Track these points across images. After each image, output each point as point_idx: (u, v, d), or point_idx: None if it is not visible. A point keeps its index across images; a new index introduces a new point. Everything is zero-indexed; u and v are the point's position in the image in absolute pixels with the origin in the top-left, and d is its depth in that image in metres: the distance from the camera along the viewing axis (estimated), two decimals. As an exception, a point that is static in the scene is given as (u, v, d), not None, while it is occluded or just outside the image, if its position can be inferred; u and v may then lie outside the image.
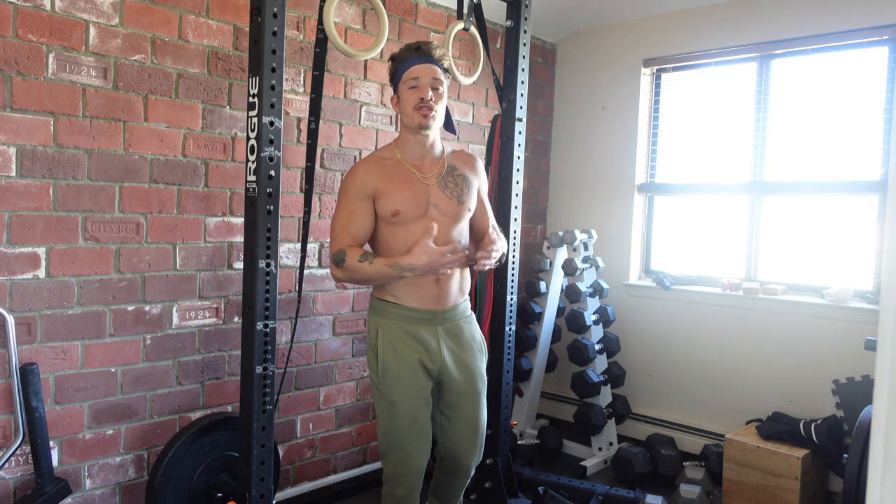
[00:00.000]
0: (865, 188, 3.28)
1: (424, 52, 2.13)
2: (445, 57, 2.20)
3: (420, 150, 2.20)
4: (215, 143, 2.71)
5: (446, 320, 2.20)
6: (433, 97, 2.12)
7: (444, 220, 2.17)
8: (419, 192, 2.16)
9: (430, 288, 2.15)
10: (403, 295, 2.16)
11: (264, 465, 2.25)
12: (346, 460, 3.31)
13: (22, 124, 2.22)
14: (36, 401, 2.23)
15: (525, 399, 3.91)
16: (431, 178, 2.19)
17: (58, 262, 2.33)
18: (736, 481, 3.14)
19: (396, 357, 2.15)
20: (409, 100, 2.13)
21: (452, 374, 2.21)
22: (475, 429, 2.28)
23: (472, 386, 2.25)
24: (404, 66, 2.14)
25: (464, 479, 2.39)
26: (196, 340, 2.71)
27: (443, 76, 2.16)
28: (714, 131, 3.82)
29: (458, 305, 2.24)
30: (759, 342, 3.51)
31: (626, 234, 4.08)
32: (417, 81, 2.12)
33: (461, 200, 2.21)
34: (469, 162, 2.31)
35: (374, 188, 2.14)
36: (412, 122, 2.14)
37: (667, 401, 3.89)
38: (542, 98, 4.33)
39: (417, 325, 2.16)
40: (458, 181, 2.22)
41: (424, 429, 2.19)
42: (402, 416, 2.15)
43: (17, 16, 2.19)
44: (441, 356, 2.18)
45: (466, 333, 2.26)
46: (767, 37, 3.51)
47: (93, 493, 2.48)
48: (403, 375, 2.14)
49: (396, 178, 2.15)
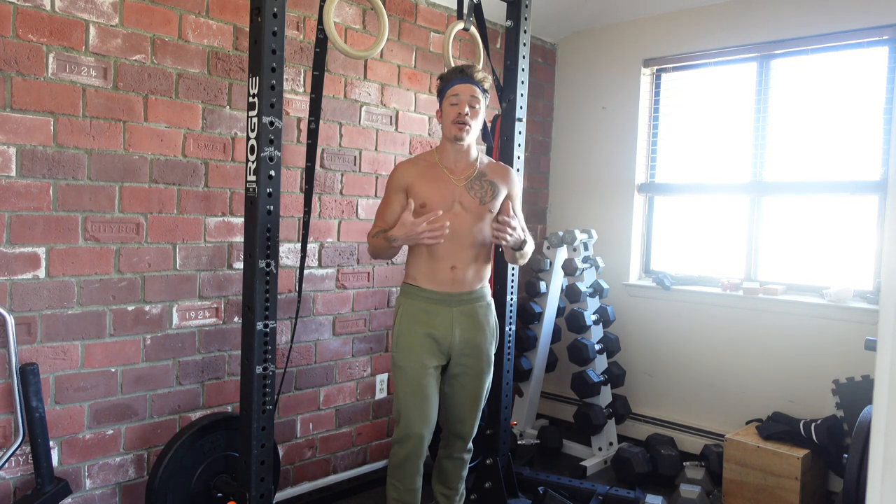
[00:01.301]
0: (865, 188, 3.28)
1: (467, 74, 2.41)
2: (486, 79, 2.45)
3: (455, 156, 2.47)
4: (215, 143, 2.71)
5: (462, 303, 2.45)
6: (469, 113, 2.39)
7: (466, 216, 2.41)
8: (447, 190, 2.42)
9: (445, 273, 2.42)
10: (423, 279, 2.44)
11: (264, 465, 2.25)
12: (346, 460, 3.32)
13: (22, 124, 2.22)
14: (36, 401, 2.23)
15: (525, 399, 3.91)
16: (461, 179, 2.45)
17: (58, 262, 2.33)
18: (736, 481, 3.14)
19: (410, 329, 2.43)
20: (449, 114, 2.40)
21: (462, 350, 2.46)
22: (474, 402, 2.52)
23: (478, 363, 2.48)
24: (448, 85, 2.42)
25: (459, 452, 2.59)
26: (196, 340, 2.71)
27: (481, 95, 2.42)
28: (714, 131, 3.82)
29: (473, 291, 2.48)
30: (759, 342, 3.51)
31: (626, 234, 4.08)
32: (458, 98, 2.39)
33: (483, 201, 2.44)
34: (501, 172, 2.55)
35: (408, 183, 2.43)
36: (449, 134, 2.42)
37: (667, 401, 3.89)
38: (542, 98, 4.33)
39: (434, 305, 2.43)
40: (485, 185, 2.47)
41: (429, 396, 2.42)
42: (407, 381, 2.41)
43: (17, 16, 2.19)
44: (452, 334, 2.43)
45: (480, 316, 2.49)
46: (767, 37, 3.51)
47: (93, 493, 2.48)
48: (413, 345, 2.42)
49: (428, 176, 2.44)
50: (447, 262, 2.41)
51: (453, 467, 2.63)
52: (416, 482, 2.47)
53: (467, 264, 2.44)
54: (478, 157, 2.52)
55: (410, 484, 2.46)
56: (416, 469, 2.45)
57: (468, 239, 2.41)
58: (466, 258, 2.43)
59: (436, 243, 2.32)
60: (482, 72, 2.44)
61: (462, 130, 2.38)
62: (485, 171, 2.50)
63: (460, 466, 2.63)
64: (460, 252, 2.42)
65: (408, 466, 2.44)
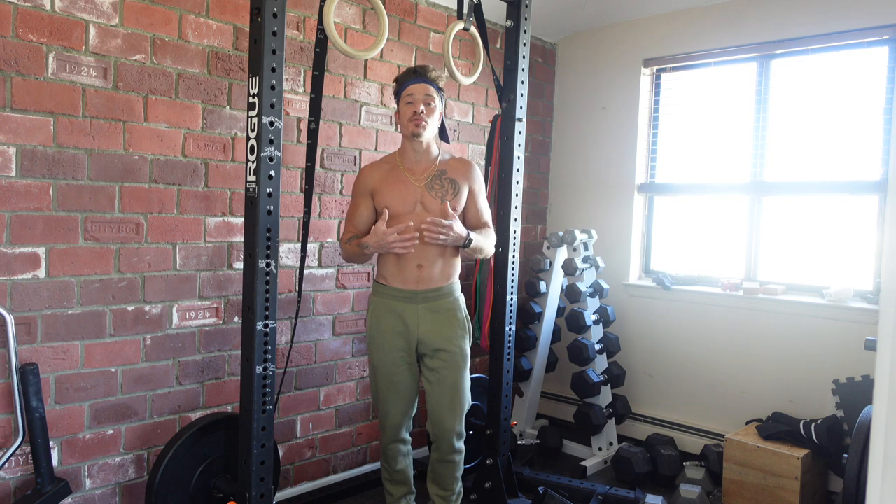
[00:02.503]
0: (865, 188, 3.28)
1: (420, 73, 2.50)
2: (440, 78, 2.53)
3: (415, 156, 2.55)
4: (215, 143, 2.71)
5: (427, 299, 2.54)
6: (425, 111, 2.47)
7: (428, 216, 2.47)
8: (408, 192, 2.51)
9: (411, 272, 2.52)
10: (391, 277, 2.55)
11: (264, 465, 2.25)
12: (346, 460, 3.32)
13: (22, 124, 2.22)
14: (36, 401, 2.23)
15: (525, 399, 3.91)
16: (421, 180, 2.53)
17: (58, 262, 2.33)
18: (736, 481, 3.14)
19: (378, 328, 2.57)
20: (405, 113, 2.49)
21: (431, 345, 2.54)
22: (453, 395, 2.56)
23: (450, 357, 2.55)
24: (403, 86, 2.51)
25: (448, 454, 2.61)
26: (196, 340, 2.71)
27: (436, 93, 2.50)
28: (714, 131, 3.82)
29: (440, 287, 2.56)
30: (759, 342, 3.51)
31: (626, 234, 4.08)
32: (412, 98, 2.48)
33: (444, 200, 2.52)
34: (460, 167, 2.60)
35: (372, 187, 2.54)
36: (406, 131, 2.51)
37: (667, 401, 3.89)
38: (542, 98, 4.33)
39: (400, 303, 2.54)
40: (445, 183, 2.54)
41: (402, 390, 2.58)
42: (380, 378, 2.59)
43: (17, 16, 2.19)
44: (418, 330, 2.53)
45: (447, 311, 2.57)
46: (767, 37, 3.51)
47: (93, 493, 2.48)
48: (383, 344, 2.56)
49: (390, 180, 2.53)
50: (414, 261, 2.50)
51: (444, 470, 2.65)
52: (401, 463, 2.68)
53: (433, 262, 2.52)
54: (438, 155, 2.58)
55: (395, 465, 2.67)
56: (397, 452, 2.66)
57: None
58: (432, 256, 2.51)
59: (405, 253, 2.44)
60: (436, 70, 2.54)
61: (419, 126, 2.45)
62: (444, 168, 2.56)
63: (452, 468, 2.65)
64: (426, 251, 2.50)
65: (390, 451, 2.65)
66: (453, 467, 2.64)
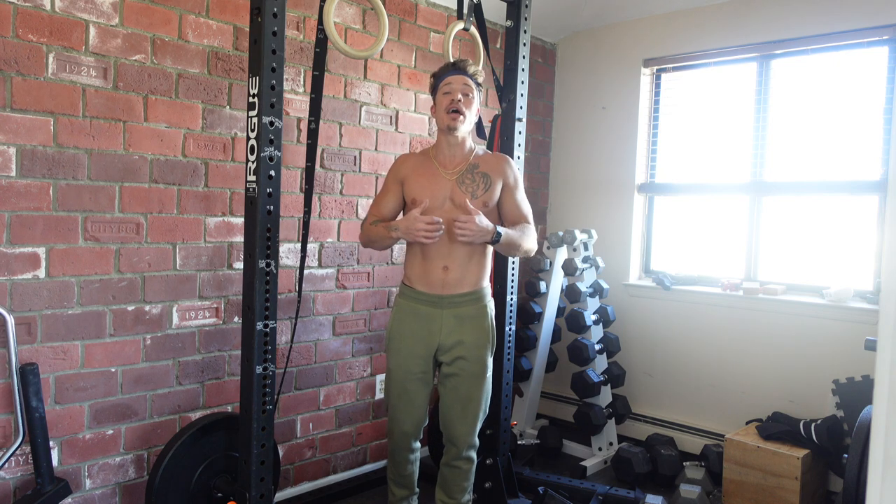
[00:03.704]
0: (865, 188, 3.28)
1: (459, 67, 2.44)
2: (479, 73, 2.47)
3: (449, 150, 2.47)
4: (215, 143, 2.71)
5: (454, 305, 2.44)
6: (462, 101, 2.39)
7: (458, 212, 2.38)
8: (438, 186, 2.43)
9: (437, 274, 2.43)
10: (417, 280, 2.47)
11: (264, 465, 2.25)
12: (346, 460, 3.32)
13: (22, 124, 2.22)
14: (36, 401, 2.23)
15: (525, 399, 3.91)
16: (453, 174, 2.45)
17: (58, 262, 2.33)
18: (736, 481, 3.14)
19: (399, 332, 2.48)
20: (442, 103, 2.41)
21: (452, 353, 2.45)
22: (467, 404, 2.48)
23: (469, 367, 2.46)
24: (440, 78, 2.45)
25: (454, 459, 2.54)
26: (196, 340, 2.71)
27: (474, 86, 2.44)
28: (714, 131, 3.82)
29: (466, 293, 2.45)
30: (759, 342, 3.51)
31: (626, 234, 4.08)
32: (450, 87, 2.41)
33: (475, 195, 2.43)
34: (494, 162, 2.51)
35: (403, 175, 2.49)
36: (443, 124, 2.42)
37: (667, 401, 3.89)
38: (542, 98, 4.33)
39: (425, 307, 2.45)
40: (476, 178, 2.45)
41: (414, 399, 2.49)
42: (394, 383, 2.50)
43: (17, 16, 2.19)
44: (441, 335, 2.44)
45: (473, 318, 2.46)
46: (767, 37, 3.51)
47: (93, 493, 2.48)
48: (401, 348, 2.47)
49: (421, 171, 2.47)
50: (439, 263, 2.41)
51: (451, 475, 2.57)
52: (407, 469, 2.61)
53: (460, 265, 2.42)
54: (473, 150, 2.51)
55: (402, 470, 2.61)
56: (405, 458, 2.59)
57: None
58: (459, 258, 2.41)
59: (429, 243, 2.35)
60: (475, 65, 2.48)
61: (456, 120, 2.37)
62: (477, 163, 2.48)
63: (458, 475, 2.56)
64: (452, 251, 2.40)
65: (398, 456, 2.59)
66: (460, 474, 2.56)
